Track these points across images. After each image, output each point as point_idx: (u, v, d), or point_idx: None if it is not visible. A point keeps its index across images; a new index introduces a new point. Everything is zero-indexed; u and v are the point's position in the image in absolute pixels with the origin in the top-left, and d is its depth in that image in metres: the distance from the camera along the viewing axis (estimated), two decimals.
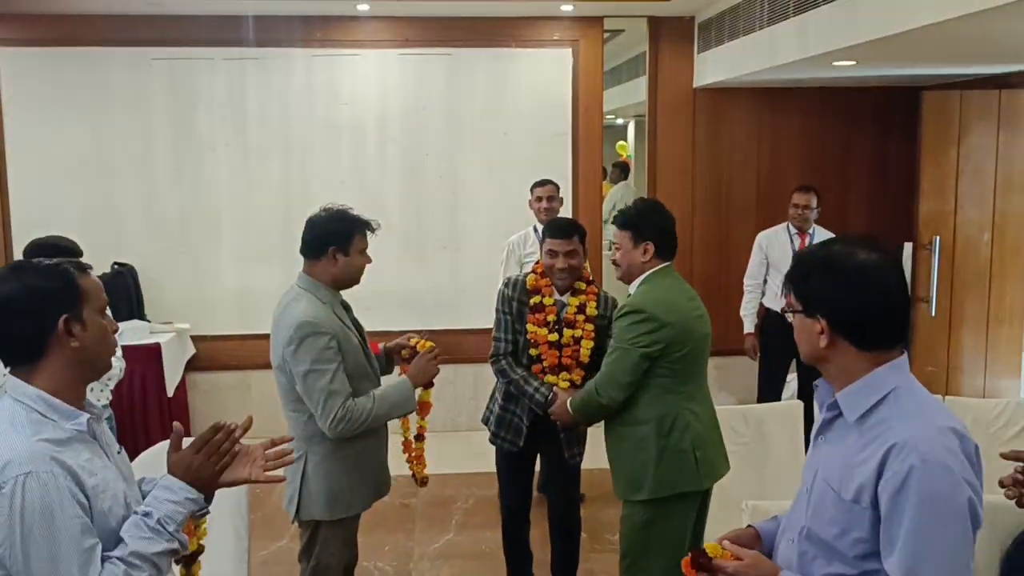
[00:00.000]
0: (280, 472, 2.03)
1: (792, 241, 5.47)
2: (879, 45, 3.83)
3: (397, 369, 3.42)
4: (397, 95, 6.23)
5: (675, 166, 6.47)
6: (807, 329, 1.74)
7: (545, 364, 3.51)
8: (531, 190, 5.20)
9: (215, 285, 6.26)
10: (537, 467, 4.03)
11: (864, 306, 1.70)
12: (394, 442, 3.31)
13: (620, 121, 13.22)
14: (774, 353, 5.50)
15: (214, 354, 6.23)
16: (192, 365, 6.17)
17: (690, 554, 1.85)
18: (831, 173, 6.43)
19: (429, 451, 3.54)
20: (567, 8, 5.94)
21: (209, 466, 1.87)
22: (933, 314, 5.58)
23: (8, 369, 1.77)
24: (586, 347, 3.49)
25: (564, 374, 3.49)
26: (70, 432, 1.73)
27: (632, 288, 3.13)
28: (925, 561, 1.57)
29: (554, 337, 3.49)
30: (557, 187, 5.17)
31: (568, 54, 6.27)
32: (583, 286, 3.57)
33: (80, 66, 5.98)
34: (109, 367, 1.86)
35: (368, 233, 3.07)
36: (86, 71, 5.99)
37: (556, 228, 3.54)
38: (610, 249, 3.21)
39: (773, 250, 5.53)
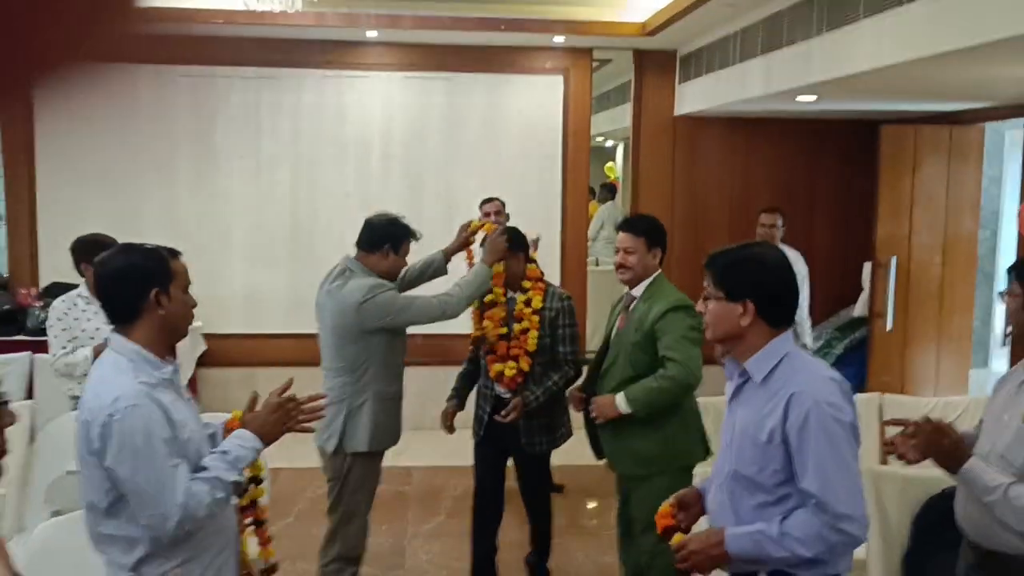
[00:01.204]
0: (312, 424, 2.52)
1: None
2: (830, 84, 4.35)
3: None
4: (400, 115, 6.73)
5: (656, 187, 6.98)
6: (728, 312, 2.22)
7: (497, 354, 3.99)
8: (480, 207, 5.52)
9: (226, 287, 6.70)
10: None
11: (781, 293, 2.23)
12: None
13: (609, 143, 13.75)
14: None
15: (223, 351, 6.67)
16: (203, 361, 6.61)
17: (667, 526, 2.37)
18: (798, 197, 6.93)
19: (425, 445, 4.07)
20: (558, 40, 6.46)
21: (278, 425, 2.38)
22: (889, 328, 6.07)
23: (112, 328, 2.25)
24: (532, 337, 3.94)
25: (511, 363, 3.94)
26: (158, 379, 2.21)
27: (638, 290, 3.53)
28: (831, 473, 2.08)
29: (503, 331, 3.98)
30: (503, 203, 5.53)
31: (559, 81, 6.79)
32: (529, 284, 4.05)
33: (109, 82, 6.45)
34: (187, 333, 2.35)
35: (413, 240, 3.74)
36: (114, 87, 6.47)
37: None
38: (612, 254, 3.69)
39: None
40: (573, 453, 5.69)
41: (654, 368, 3.38)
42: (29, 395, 4.65)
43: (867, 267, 6.29)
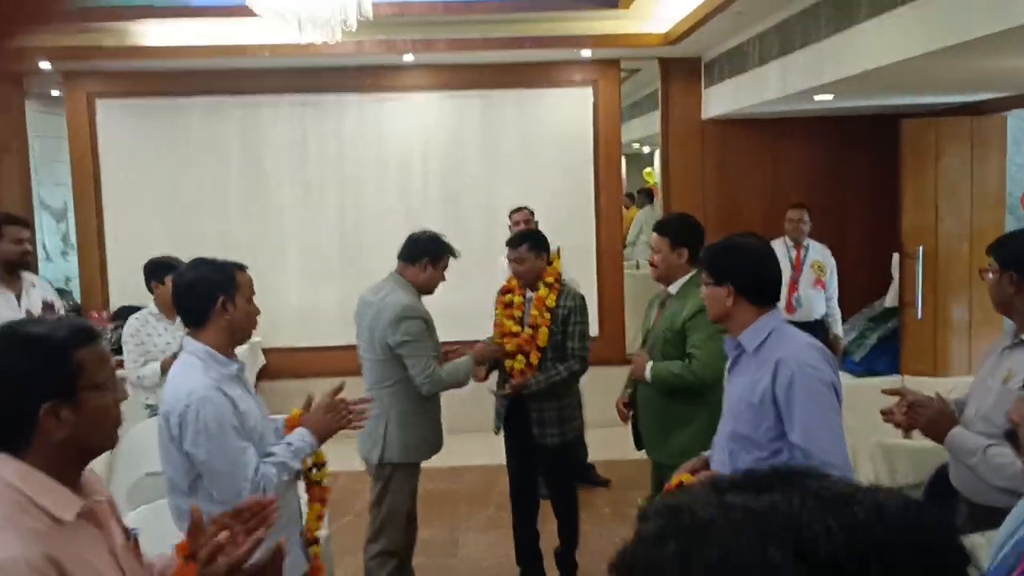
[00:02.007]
0: (361, 423, 2.88)
1: (789, 252, 6.05)
2: (842, 83, 4.58)
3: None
4: (438, 133, 7.07)
5: (688, 189, 7.21)
6: (717, 295, 2.55)
7: (508, 348, 4.21)
8: (509, 216, 5.78)
9: (282, 303, 7.06)
10: None
11: (762, 275, 2.54)
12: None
13: (647, 149, 13.98)
14: None
15: (281, 364, 7.04)
16: (262, 374, 6.99)
17: (675, 486, 2.62)
18: (827, 192, 7.08)
19: (473, 447, 4.84)
20: (586, 53, 6.75)
21: (333, 424, 2.74)
22: (920, 317, 6.22)
23: (186, 332, 2.60)
24: (543, 333, 4.17)
25: (520, 357, 4.17)
26: (226, 375, 2.55)
27: (674, 288, 3.68)
28: (814, 426, 2.38)
29: (517, 328, 4.21)
30: (531, 212, 5.78)
31: (589, 93, 7.08)
32: (550, 280, 4.26)
33: (165, 114, 6.92)
34: (250, 336, 2.68)
35: (451, 258, 3.95)
36: (170, 118, 6.92)
37: (509, 240, 4.36)
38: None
39: None
40: (617, 449, 5.97)
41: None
42: None
43: (896, 257, 6.45)
